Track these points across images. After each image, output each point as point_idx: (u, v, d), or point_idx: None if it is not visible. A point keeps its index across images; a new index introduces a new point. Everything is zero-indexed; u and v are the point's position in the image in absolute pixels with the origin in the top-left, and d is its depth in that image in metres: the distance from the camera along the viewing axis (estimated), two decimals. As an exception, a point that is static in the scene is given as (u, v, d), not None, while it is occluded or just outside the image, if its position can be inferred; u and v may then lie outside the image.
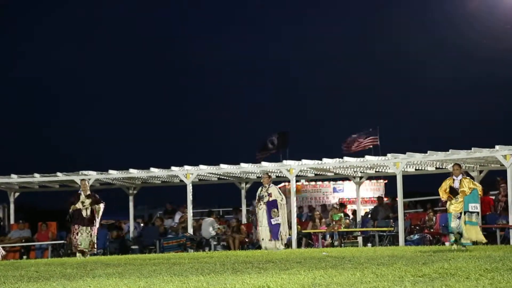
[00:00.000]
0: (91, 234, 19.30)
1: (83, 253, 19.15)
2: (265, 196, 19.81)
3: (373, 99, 67.05)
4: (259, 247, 20.58)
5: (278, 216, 19.68)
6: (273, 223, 19.67)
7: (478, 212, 16.40)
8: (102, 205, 19.49)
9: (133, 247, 25.42)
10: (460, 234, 16.16)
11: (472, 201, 16.16)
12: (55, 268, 13.10)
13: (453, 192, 16.19)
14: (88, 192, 19.59)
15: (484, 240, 16.70)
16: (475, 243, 16.64)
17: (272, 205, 19.75)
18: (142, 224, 29.10)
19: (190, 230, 24.37)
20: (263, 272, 10.24)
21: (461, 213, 16.15)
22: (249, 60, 74.02)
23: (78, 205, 19.27)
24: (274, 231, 19.69)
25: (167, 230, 26.27)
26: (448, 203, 16.41)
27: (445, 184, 16.52)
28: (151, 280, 9.55)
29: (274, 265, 11.73)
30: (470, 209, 16.11)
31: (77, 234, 19.21)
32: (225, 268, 11.50)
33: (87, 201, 19.30)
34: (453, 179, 16.42)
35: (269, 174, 21.15)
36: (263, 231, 19.84)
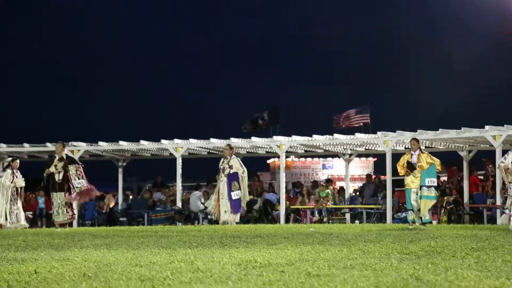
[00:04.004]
0: (65, 203, 18.14)
1: (63, 225, 18.10)
2: (226, 168, 19.39)
3: (365, 77, 66.98)
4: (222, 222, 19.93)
5: (238, 190, 19.25)
6: (233, 197, 19.20)
7: (435, 186, 16.43)
8: (76, 165, 18.42)
9: (121, 219, 25.44)
10: (420, 211, 16.19)
11: (429, 175, 16.13)
12: (43, 238, 13.11)
13: (411, 167, 16.17)
14: (62, 155, 18.51)
15: (426, 215, 16.69)
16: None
17: (232, 178, 19.27)
18: (130, 197, 29.12)
19: (179, 204, 24.40)
20: (251, 247, 10.27)
21: (419, 187, 16.17)
22: (239, 37, 73.80)
23: (52, 169, 18.25)
24: (235, 205, 19.27)
25: (156, 202, 26.30)
26: (406, 178, 16.43)
27: (403, 159, 16.51)
28: (139, 252, 9.57)
29: (261, 240, 11.77)
30: (426, 183, 16.11)
31: (52, 204, 18.28)
32: (212, 242, 11.53)
33: (60, 164, 18.30)
34: (411, 154, 16.41)
35: (231, 145, 20.54)
36: (223, 203, 19.37)
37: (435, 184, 16.42)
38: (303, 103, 63.06)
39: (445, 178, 27.58)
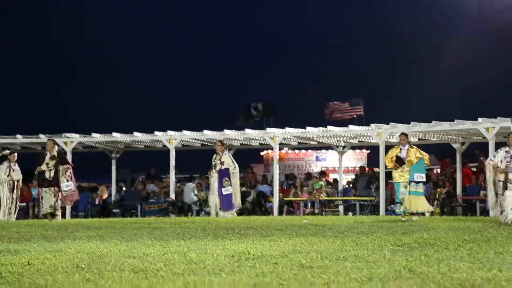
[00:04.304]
0: (54, 195, 18.12)
1: (51, 215, 18.10)
2: (218, 164, 19.38)
3: (358, 69, 66.92)
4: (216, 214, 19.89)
5: (229, 186, 19.25)
6: (224, 193, 19.20)
7: (423, 182, 16.49)
8: (66, 166, 18.34)
9: (114, 210, 25.44)
10: (404, 204, 16.26)
11: (417, 171, 16.19)
12: (36, 230, 13.10)
13: (400, 161, 16.22)
14: (54, 153, 18.40)
15: (431, 209, 16.80)
16: (423, 213, 16.83)
17: (224, 174, 19.30)
18: (124, 188, 29.12)
19: (172, 195, 24.41)
20: (244, 238, 10.28)
21: (407, 182, 16.24)
22: (233, 29, 73.62)
23: (43, 167, 18.18)
24: (225, 201, 19.27)
25: (149, 194, 26.31)
26: (394, 172, 16.48)
27: (392, 153, 16.57)
28: (132, 243, 9.57)
29: (255, 232, 11.78)
30: (415, 179, 16.17)
31: (41, 198, 18.25)
32: (206, 233, 11.54)
33: (51, 163, 18.19)
34: (400, 148, 16.45)
35: (223, 141, 20.56)
36: (214, 199, 19.44)
37: (424, 179, 16.50)
38: (298, 97, 63.00)
39: (438, 170, 27.65)
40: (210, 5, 76.44)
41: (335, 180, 26.88)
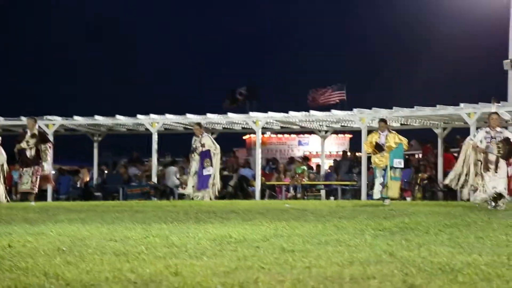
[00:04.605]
0: (32, 172, 17.84)
1: (27, 194, 17.93)
2: (198, 146, 19.45)
3: (341, 54, 66.95)
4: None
5: (210, 166, 19.32)
6: (204, 173, 19.29)
7: (401, 168, 16.63)
8: (48, 145, 18.16)
9: (96, 193, 25.38)
10: (382, 186, 16.36)
11: (397, 156, 16.33)
12: (17, 212, 13.05)
13: (379, 148, 16.33)
14: (34, 131, 18.14)
15: (397, 196, 16.91)
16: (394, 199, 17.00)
17: (205, 155, 19.36)
18: (106, 171, 29.02)
19: (154, 179, 24.37)
20: (226, 222, 10.29)
21: (386, 166, 16.34)
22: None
23: (23, 145, 17.90)
24: (203, 180, 19.34)
25: (131, 177, 26.25)
26: (373, 156, 16.59)
27: (371, 138, 16.68)
28: (114, 226, 9.55)
29: (237, 216, 11.79)
30: (394, 165, 16.30)
31: (21, 176, 18.05)
32: (188, 217, 11.54)
33: (32, 141, 17.91)
34: (379, 134, 16.53)
35: (200, 123, 20.55)
36: (192, 180, 19.50)
37: (402, 165, 16.63)
38: (280, 81, 63.00)
39: (420, 155, 27.76)
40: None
41: (318, 166, 26.93)
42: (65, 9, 71.56)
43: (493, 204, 14.09)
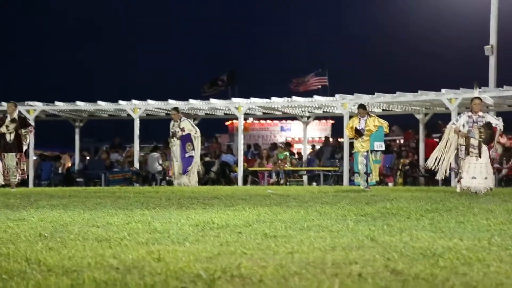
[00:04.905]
0: (16, 161, 17.65)
1: (10, 184, 17.70)
2: (178, 131, 19.39)
3: (322, 39, 66.98)
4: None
5: (192, 150, 19.34)
6: (186, 156, 19.31)
7: (382, 151, 16.77)
8: (29, 129, 17.95)
9: (78, 179, 25.30)
10: (367, 175, 16.46)
11: (377, 139, 16.44)
12: (-2, 199, 12.99)
13: (359, 133, 16.42)
14: (14, 116, 17.91)
15: (377, 179, 17.06)
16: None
17: (186, 139, 19.34)
18: (87, 157, 28.94)
19: (136, 165, 24.33)
20: (208, 208, 10.30)
21: (367, 151, 16.44)
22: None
23: (3, 129, 17.66)
24: (186, 164, 19.37)
25: (113, 163, 26.18)
26: (355, 141, 16.68)
27: (351, 122, 16.80)
28: (96, 212, 9.53)
29: (219, 201, 11.80)
30: (375, 148, 16.41)
31: (4, 164, 17.71)
32: (170, 203, 11.53)
33: (12, 126, 17.69)
34: (359, 119, 16.60)
35: (177, 108, 20.42)
36: (177, 166, 19.47)
37: (383, 148, 16.73)
38: (262, 66, 62.95)
39: (402, 141, 27.88)
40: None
41: (299, 153, 26.97)
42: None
43: (482, 190, 14.17)
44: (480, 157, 14.18)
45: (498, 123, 14.61)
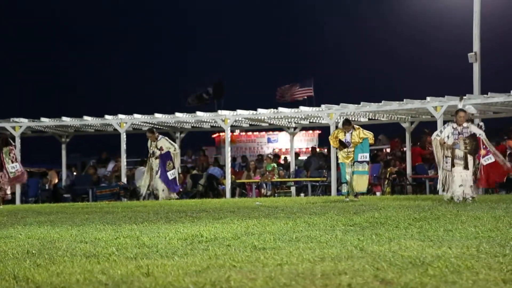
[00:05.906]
0: None
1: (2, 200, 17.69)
2: (156, 151, 19.46)
3: (308, 49, 67.21)
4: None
5: (173, 169, 19.45)
6: (170, 177, 19.39)
7: (367, 162, 16.79)
8: (10, 148, 17.71)
9: (65, 195, 25.20)
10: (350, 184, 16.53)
11: (361, 151, 16.49)
12: (-15, 217, 12.91)
13: (343, 145, 16.48)
14: None
15: (365, 190, 17.06)
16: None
17: (166, 157, 19.42)
18: (74, 173, 28.83)
19: (124, 179, 24.26)
20: (197, 221, 10.28)
21: (353, 162, 16.50)
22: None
23: None
24: (172, 185, 19.50)
25: (100, 178, 26.09)
26: (339, 152, 16.73)
27: (337, 132, 16.84)
28: (84, 228, 9.50)
29: (207, 214, 11.78)
30: (359, 159, 16.46)
31: None
32: (158, 217, 11.50)
33: None
34: (345, 132, 16.65)
35: (152, 129, 20.43)
36: (159, 183, 19.52)
37: (367, 159, 16.76)
38: (248, 77, 63.02)
39: (388, 150, 27.95)
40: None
41: (287, 163, 26.96)
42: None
43: (461, 198, 14.21)
44: (466, 168, 14.24)
45: (481, 132, 14.70)
